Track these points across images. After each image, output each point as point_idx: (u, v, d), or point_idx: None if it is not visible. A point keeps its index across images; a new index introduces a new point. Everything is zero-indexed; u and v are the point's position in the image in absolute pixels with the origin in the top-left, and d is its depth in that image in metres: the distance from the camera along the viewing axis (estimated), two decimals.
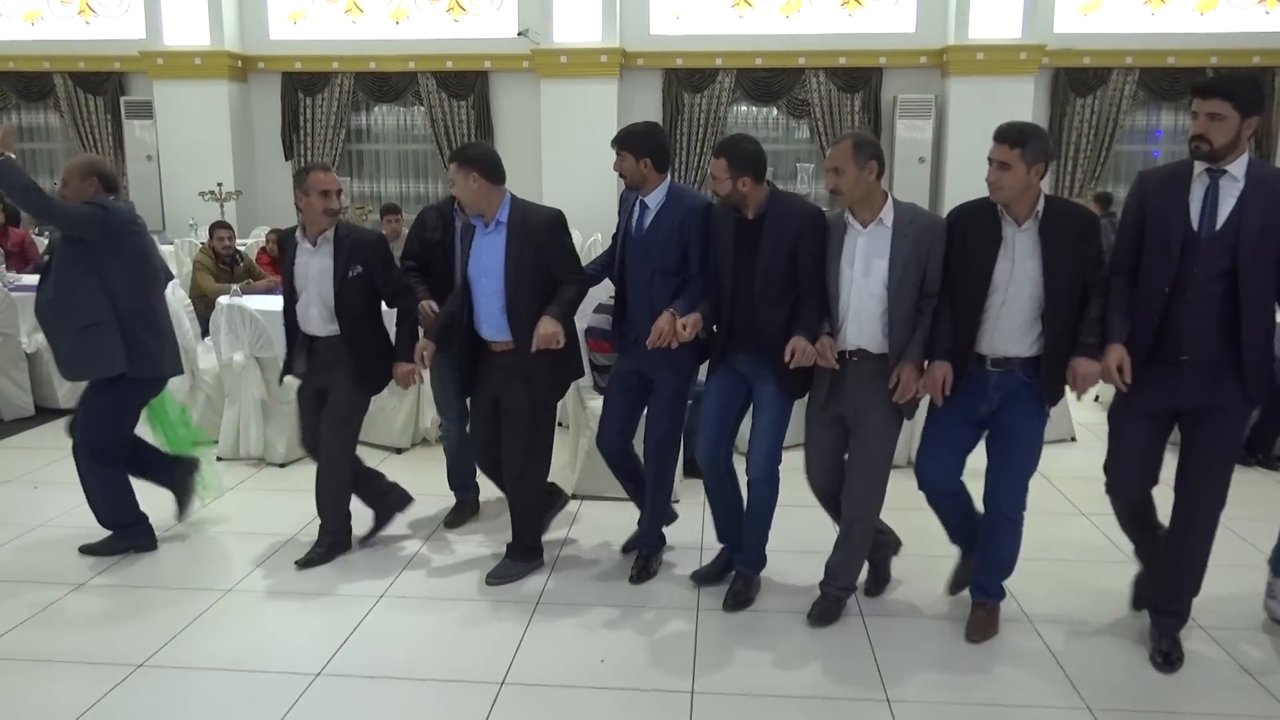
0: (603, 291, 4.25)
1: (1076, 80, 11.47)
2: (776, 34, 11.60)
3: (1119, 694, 3.03)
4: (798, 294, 3.39)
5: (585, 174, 10.57)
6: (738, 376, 3.57)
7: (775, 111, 12.01)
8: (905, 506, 4.00)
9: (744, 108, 12.04)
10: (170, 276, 6.78)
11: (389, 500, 4.22)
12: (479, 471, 4.23)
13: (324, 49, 12.03)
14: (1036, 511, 3.82)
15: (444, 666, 3.20)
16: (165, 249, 8.50)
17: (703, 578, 3.80)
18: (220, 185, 10.73)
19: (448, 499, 4.60)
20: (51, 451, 4.01)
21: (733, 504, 3.73)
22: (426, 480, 4.46)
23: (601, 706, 2.98)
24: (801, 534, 3.95)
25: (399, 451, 5.53)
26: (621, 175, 3.69)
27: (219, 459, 5.34)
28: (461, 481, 4.48)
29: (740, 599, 3.63)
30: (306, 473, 4.81)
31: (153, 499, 4.26)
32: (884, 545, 3.70)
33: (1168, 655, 3.19)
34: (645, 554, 3.93)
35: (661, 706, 2.97)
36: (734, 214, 3.47)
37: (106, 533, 4.09)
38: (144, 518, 4.13)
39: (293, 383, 4.21)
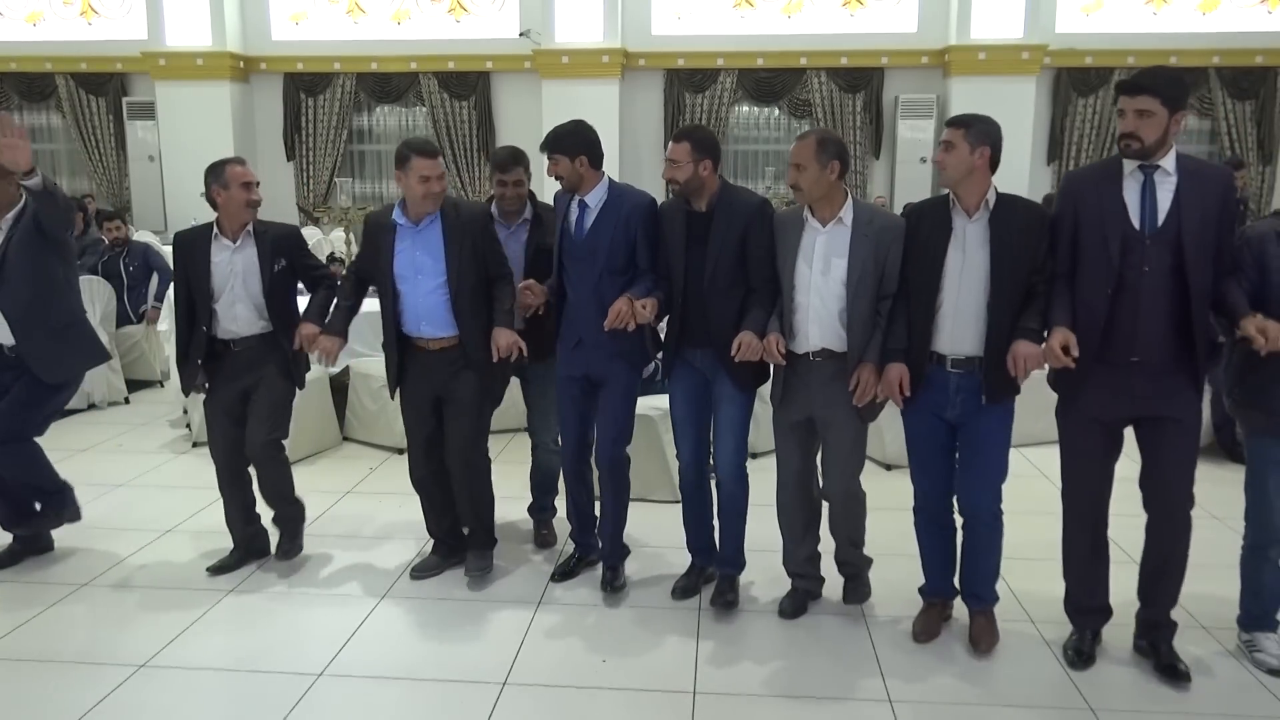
0: None
1: (1078, 80, 11.46)
2: (778, 34, 11.60)
3: (1121, 694, 3.03)
4: (748, 287, 3.41)
5: None
6: (696, 373, 3.56)
7: (777, 112, 12.01)
8: (903, 507, 4.00)
9: (745, 108, 12.04)
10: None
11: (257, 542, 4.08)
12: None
13: (326, 50, 12.04)
14: (1037, 511, 3.82)
15: (446, 667, 3.20)
16: (167, 250, 8.51)
17: (681, 591, 3.73)
18: None
19: None
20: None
21: (706, 512, 3.75)
22: None
23: (603, 707, 2.98)
24: None
25: (401, 452, 5.53)
26: (558, 179, 3.61)
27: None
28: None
29: (727, 600, 3.60)
30: (307, 474, 4.84)
31: (152, 498, 4.26)
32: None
33: (1174, 668, 3.12)
34: (611, 565, 3.81)
35: (663, 707, 2.97)
36: (684, 207, 3.49)
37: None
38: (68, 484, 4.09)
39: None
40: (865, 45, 11.49)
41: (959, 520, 3.40)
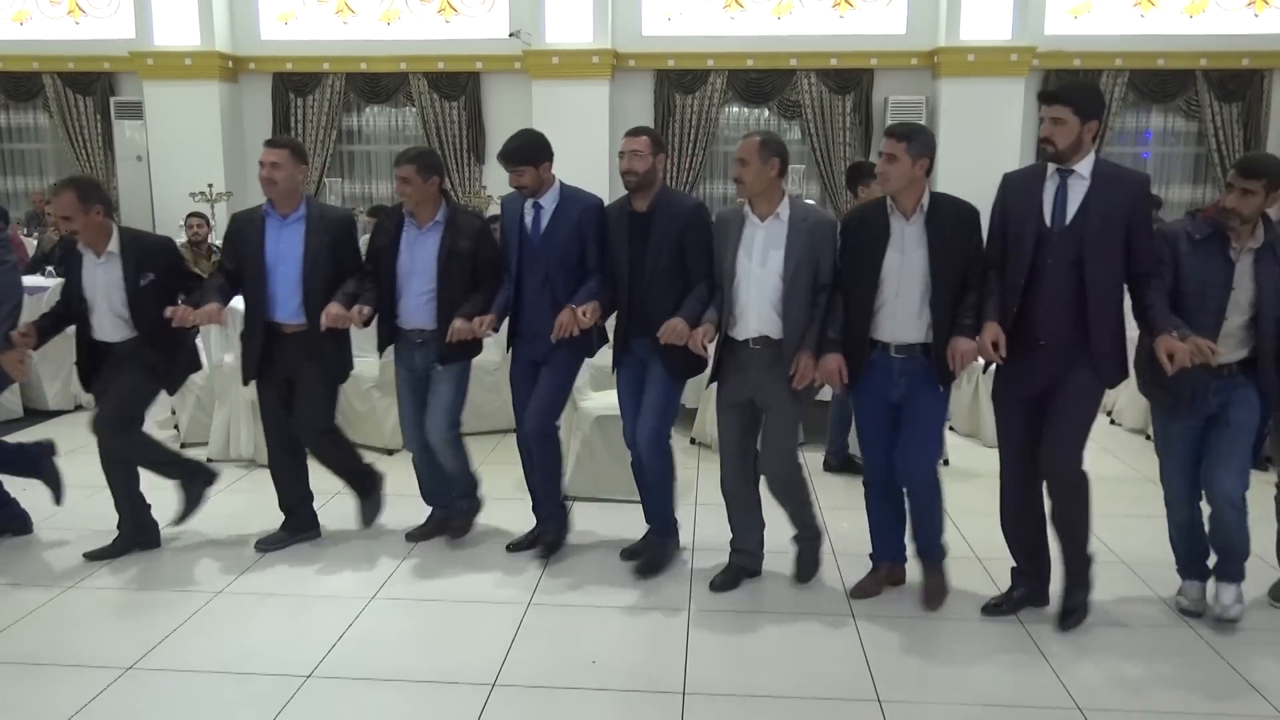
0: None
1: (1067, 82, 11.51)
2: (768, 35, 11.61)
3: (1108, 694, 3.04)
4: (686, 282, 3.66)
5: (577, 175, 10.32)
6: (638, 360, 3.83)
7: (767, 113, 12.01)
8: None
9: (735, 109, 12.04)
10: None
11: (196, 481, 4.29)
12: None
13: (315, 49, 11.99)
14: None
15: (435, 668, 3.20)
16: None
17: (629, 554, 4.03)
18: (211, 186, 10.69)
19: None
20: None
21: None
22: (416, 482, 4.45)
23: (593, 708, 2.98)
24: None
25: (390, 453, 5.51)
26: (521, 188, 3.85)
27: (209, 460, 5.32)
28: (432, 496, 4.36)
29: (651, 566, 3.91)
30: None
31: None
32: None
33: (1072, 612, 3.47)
34: (549, 528, 4.13)
35: (653, 708, 2.97)
36: (626, 208, 3.78)
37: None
38: None
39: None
40: (855, 47, 11.51)
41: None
